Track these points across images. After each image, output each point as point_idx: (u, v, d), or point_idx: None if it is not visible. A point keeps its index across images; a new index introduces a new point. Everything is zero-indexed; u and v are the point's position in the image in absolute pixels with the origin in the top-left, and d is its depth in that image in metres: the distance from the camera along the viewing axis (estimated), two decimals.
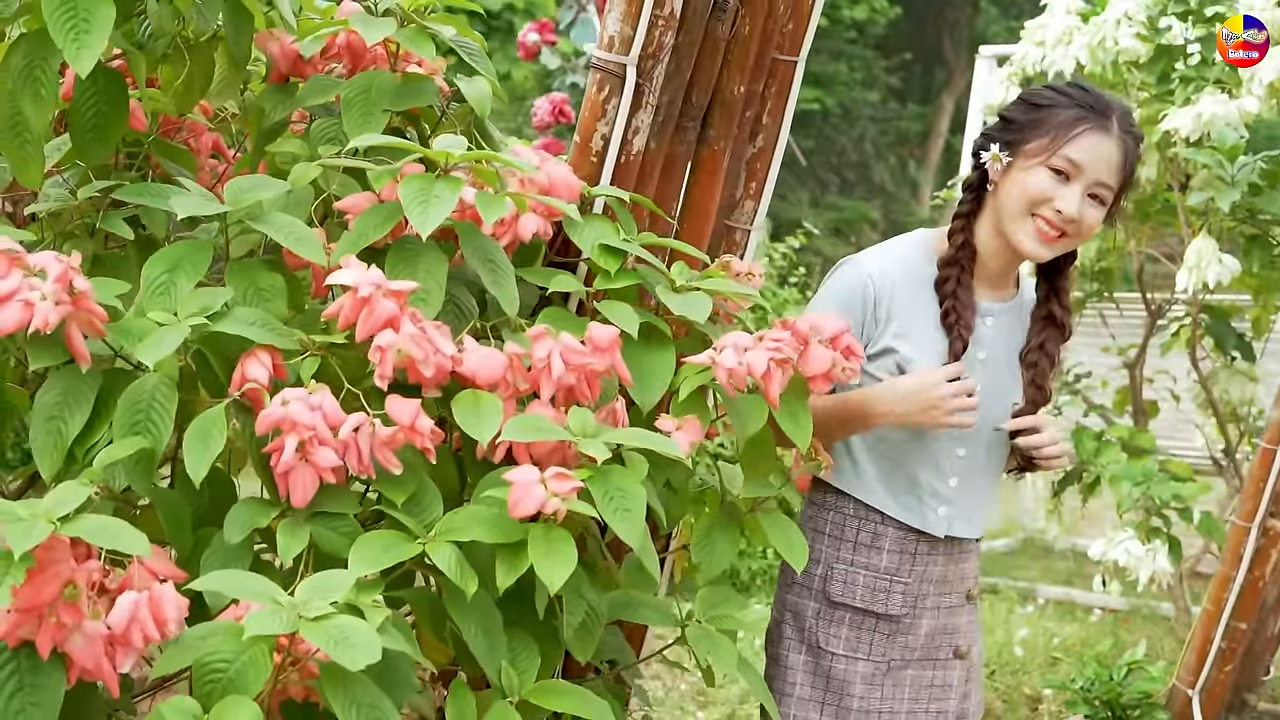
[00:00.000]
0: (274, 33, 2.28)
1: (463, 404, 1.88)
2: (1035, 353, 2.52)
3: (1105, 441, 4.49)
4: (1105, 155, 2.38)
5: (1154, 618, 5.82)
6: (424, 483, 1.90)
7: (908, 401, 2.40)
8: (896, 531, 2.50)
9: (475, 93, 2.17)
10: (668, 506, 2.27)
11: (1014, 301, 2.56)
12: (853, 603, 2.50)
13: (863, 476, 2.50)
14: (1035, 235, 2.40)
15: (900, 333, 2.46)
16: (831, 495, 2.54)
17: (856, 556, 2.51)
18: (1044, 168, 2.38)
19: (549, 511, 1.79)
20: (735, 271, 2.32)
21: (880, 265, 2.48)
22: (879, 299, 2.46)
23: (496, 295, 1.99)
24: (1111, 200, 2.43)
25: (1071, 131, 2.37)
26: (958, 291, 2.44)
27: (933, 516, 2.50)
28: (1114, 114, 2.39)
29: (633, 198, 2.24)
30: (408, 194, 1.92)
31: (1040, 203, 2.38)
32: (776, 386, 2.05)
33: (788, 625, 2.56)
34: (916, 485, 2.49)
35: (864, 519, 2.51)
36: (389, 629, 1.69)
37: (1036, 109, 2.42)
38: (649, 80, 2.30)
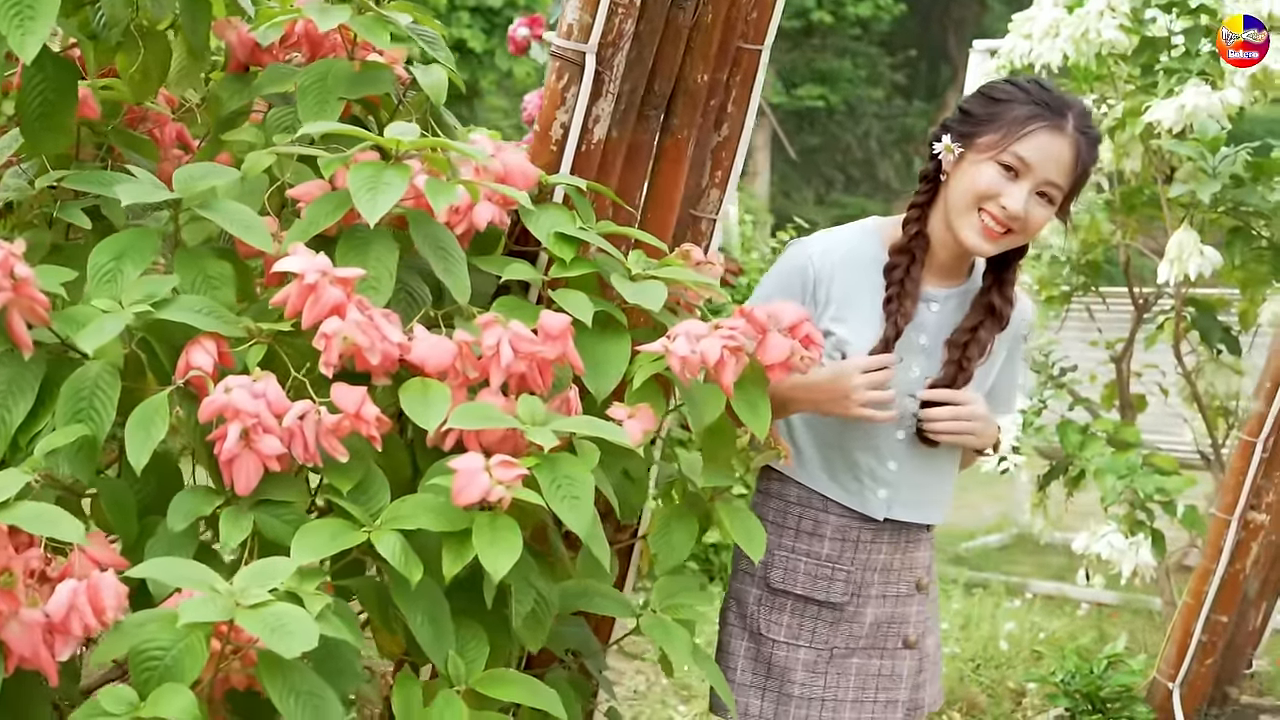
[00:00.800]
0: (231, 21, 2.27)
1: (411, 392, 1.87)
2: (964, 334, 2.50)
3: (1090, 435, 4.48)
4: (1056, 154, 2.36)
5: (1145, 612, 5.80)
6: (371, 471, 1.89)
7: (820, 390, 2.40)
8: (839, 518, 2.50)
9: (431, 81, 2.16)
10: (625, 496, 2.26)
11: (962, 288, 2.55)
12: (794, 590, 2.51)
13: (803, 459, 2.51)
14: (979, 230, 2.39)
15: (838, 316, 2.46)
16: (774, 482, 2.54)
17: (798, 544, 2.51)
18: (993, 163, 2.37)
19: (493, 499, 1.78)
20: (695, 261, 2.31)
21: (823, 247, 2.50)
22: (819, 281, 2.47)
23: (447, 283, 1.98)
24: (1062, 199, 2.41)
25: (1024, 129, 2.35)
26: (904, 280, 2.44)
27: (873, 499, 2.49)
28: (1070, 113, 2.38)
29: (590, 186, 2.23)
30: (356, 181, 1.91)
31: (987, 198, 2.37)
32: (730, 375, 2.04)
33: (731, 611, 2.58)
34: (856, 468, 2.49)
35: (805, 506, 2.52)
36: (329, 617, 1.68)
37: (993, 103, 2.41)
38: (609, 68, 2.29)
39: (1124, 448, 4.45)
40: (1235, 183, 3.95)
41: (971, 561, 6.95)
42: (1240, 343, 4.71)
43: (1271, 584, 3.91)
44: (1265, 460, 3.67)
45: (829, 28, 23.78)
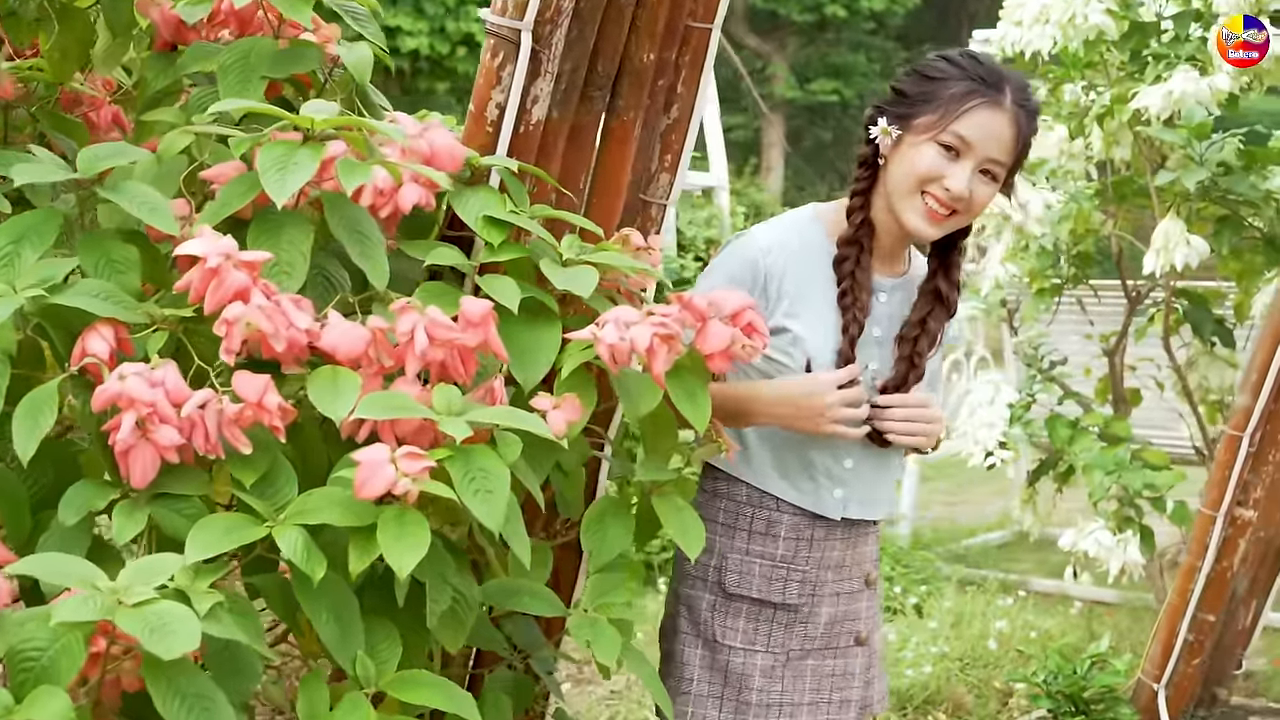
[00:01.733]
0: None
1: (319, 380, 1.79)
2: (914, 327, 2.41)
3: (1080, 430, 4.38)
4: (997, 131, 2.28)
5: (1142, 610, 5.70)
6: (278, 463, 1.81)
7: (792, 406, 2.31)
8: (792, 518, 2.40)
9: (356, 59, 2.08)
10: (561, 489, 2.19)
11: (905, 277, 2.47)
12: (749, 594, 2.41)
13: (754, 461, 2.41)
14: (924, 214, 2.30)
15: (792, 311, 2.36)
16: (723, 482, 2.44)
17: (751, 545, 2.41)
18: (933, 144, 2.28)
19: (399, 492, 1.70)
20: (635, 246, 2.22)
21: (773, 240, 2.39)
22: (770, 275, 2.36)
23: (364, 268, 1.90)
24: (1005, 175, 2.33)
25: (962, 106, 2.27)
26: (856, 272, 2.35)
27: (829, 499, 2.40)
28: (1007, 86, 2.29)
29: (522, 167, 2.15)
30: (266, 161, 1.84)
31: (929, 180, 2.29)
32: (661, 363, 1.95)
33: (682, 619, 2.46)
34: (811, 467, 2.39)
35: (758, 506, 2.41)
36: (220, 616, 1.61)
37: (927, 81, 2.32)
38: (547, 46, 2.20)
39: (1114, 443, 4.36)
40: (1224, 171, 3.85)
41: (970, 559, 6.86)
42: (1234, 335, 4.60)
43: (1261, 582, 3.81)
44: (1252, 455, 3.57)
45: (842, 22, 23.70)
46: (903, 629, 5.16)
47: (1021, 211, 4.14)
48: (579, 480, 2.18)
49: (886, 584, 5.74)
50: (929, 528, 7.57)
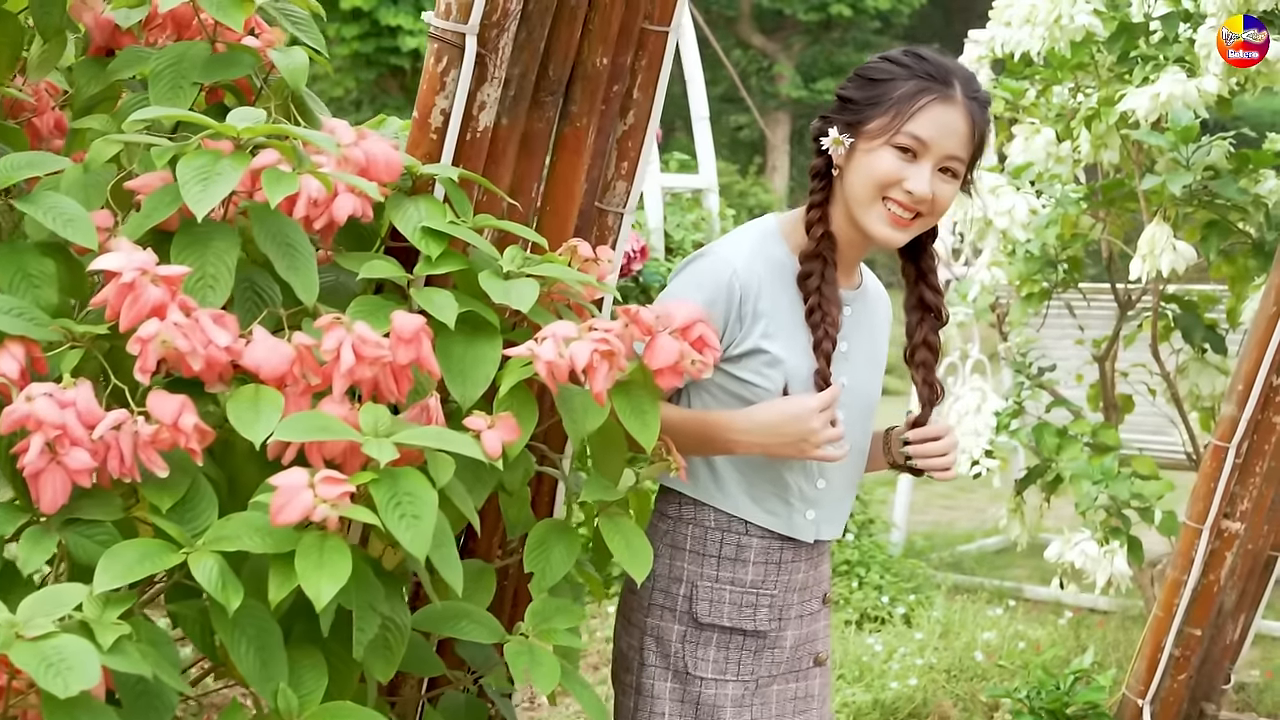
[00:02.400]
0: (87, 1, 2.12)
1: (239, 400, 1.72)
2: (921, 350, 2.35)
3: (1069, 438, 4.30)
4: (952, 126, 2.21)
5: (1139, 617, 5.61)
6: (198, 486, 1.74)
7: (774, 434, 2.22)
8: (761, 540, 2.32)
9: (290, 65, 2.00)
10: (505, 510, 2.12)
11: (862, 287, 2.41)
12: (720, 622, 2.32)
13: (723, 484, 2.32)
14: (888, 220, 2.23)
15: (769, 332, 2.27)
16: (689, 507, 2.35)
17: (721, 572, 2.33)
18: (888, 147, 2.21)
19: (317, 519, 1.63)
20: (583, 257, 2.15)
21: (744, 259, 2.30)
22: (745, 296, 2.27)
23: (291, 282, 1.83)
24: (964, 171, 2.26)
25: (913, 105, 2.19)
26: (823, 287, 2.27)
27: (802, 521, 2.33)
28: (955, 80, 2.23)
29: (463, 175, 2.08)
30: (187, 172, 1.76)
31: (889, 185, 2.21)
32: (601, 381, 1.88)
33: (650, 651, 2.35)
34: (784, 489, 2.32)
35: (726, 530, 2.33)
36: (126, 649, 1.54)
37: (873, 84, 2.25)
38: (494, 51, 2.13)
39: (1103, 451, 4.28)
40: (1212, 175, 3.76)
41: (964, 565, 6.77)
42: (1227, 341, 4.51)
43: (1250, 595, 3.73)
44: (1239, 466, 3.49)
45: (848, 21, 23.60)
46: (889, 639, 5.08)
47: (1006, 217, 4.06)
48: (523, 500, 2.11)
49: (875, 593, 5.66)
50: (923, 534, 7.48)
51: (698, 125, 6.60)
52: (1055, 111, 4.35)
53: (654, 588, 2.34)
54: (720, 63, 24.51)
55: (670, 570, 2.33)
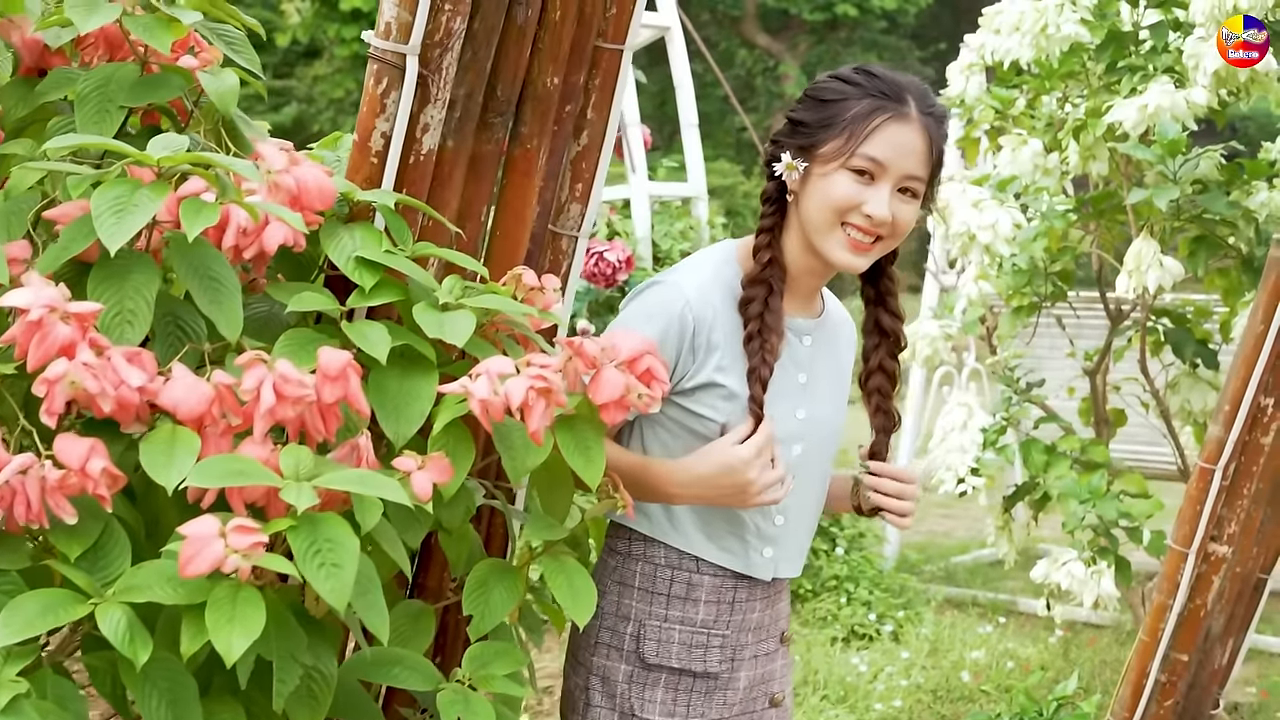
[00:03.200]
0: (15, 20, 2.05)
1: (153, 443, 1.65)
2: (876, 375, 2.27)
3: (1056, 454, 4.22)
4: (909, 145, 2.13)
5: (1134, 635, 5.52)
6: (111, 533, 1.67)
7: (712, 487, 2.16)
8: (713, 579, 2.25)
9: (218, 88, 1.93)
10: (446, 549, 2.04)
11: (824, 315, 2.32)
12: (669, 663, 2.24)
13: (677, 520, 2.24)
14: (848, 245, 2.15)
15: (723, 365, 2.20)
16: (638, 543, 2.27)
17: (670, 611, 2.25)
18: (844, 170, 2.13)
19: (228, 570, 1.55)
20: (528, 285, 2.07)
21: (699, 290, 2.22)
22: (698, 327, 2.19)
23: (213, 317, 1.75)
24: (924, 191, 2.18)
25: (867, 125, 2.12)
26: (765, 314, 2.19)
27: (758, 559, 2.25)
28: (909, 96, 2.15)
29: (401, 200, 2.00)
30: (102, 203, 1.69)
31: (847, 210, 2.13)
32: (538, 420, 1.80)
33: (595, 691, 2.28)
34: (740, 526, 2.24)
35: (676, 568, 2.25)
36: (23, 708, 1.47)
37: (825, 106, 2.17)
38: (437, 71, 2.06)
39: (1092, 468, 4.19)
40: (1200, 189, 3.68)
41: (958, 578, 6.68)
42: (1219, 356, 4.42)
43: (1239, 619, 3.63)
44: (1226, 489, 3.39)
45: (855, 21, 23.53)
46: (876, 658, 4.99)
47: (989, 231, 3.98)
48: (464, 538, 2.02)
49: (863, 609, 5.57)
50: (917, 546, 7.39)
51: (687, 132, 6.52)
52: (1044, 121, 4.26)
53: (601, 626, 2.27)
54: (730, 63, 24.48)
55: (618, 608, 2.26)
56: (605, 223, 5.49)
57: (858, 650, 5.21)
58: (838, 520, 6.12)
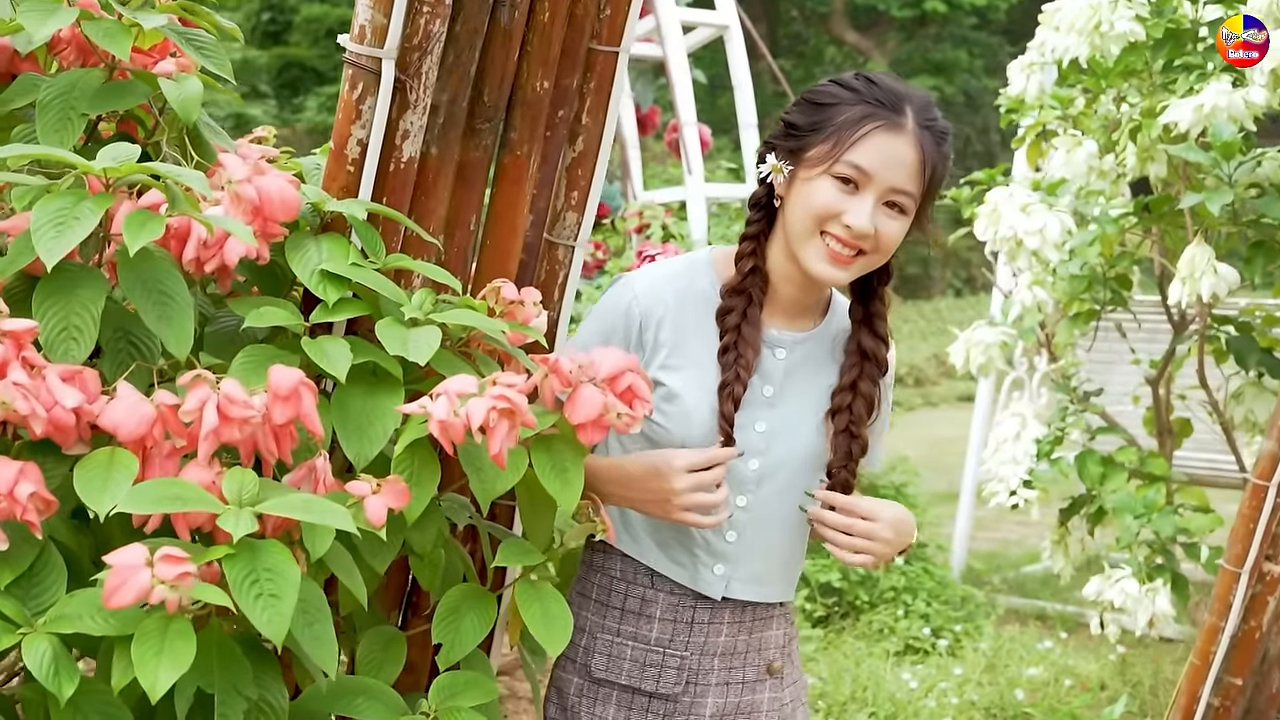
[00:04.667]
0: None
1: (89, 466, 1.58)
2: (845, 393, 2.14)
3: (1114, 466, 4.07)
4: (898, 157, 2.01)
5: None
6: (46, 559, 1.60)
7: (636, 488, 2.06)
8: (669, 596, 2.15)
9: (180, 95, 1.85)
10: (418, 575, 1.96)
11: (815, 331, 2.19)
12: (618, 679, 2.15)
13: (630, 526, 2.16)
14: (825, 256, 2.04)
15: (669, 364, 2.11)
16: (598, 554, 2.19)
17: (624, 625, 2.15)
18: (828, 177, 2.02)
19: (154, 601, 1.48)
20: (507, 299, 1.98)
21: (649, 285, 2.14)
22: (645, 324, 2.11)
23: (161, 334, 1.68)
24: (916, 207, 2.06)
25: (856, 133, 2.00)
26: (742, 326, 2.08)
27: (707, 575, 2.14)
28: (907, 106, 2.03)
29: (373, 209, 1.92)
30: (42, 216, 1.63)
31: (827, 218, 2.03)
32: (500, 442, 1.72)
33: (552, 704, 2.22)
34: (688, 539, 2.13)
35: (631, 582, 2.16)
36: None
37: (817, 109, 2.06)
38: (416, 76, 1.98)
39: (1150, 481, 4.04)
40: (1258, 193, 3.52)
41: (1028, 588, 6.51)
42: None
43: None
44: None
45: (944, 17, 23.22)
46: (929, 673, 4.86)
47: (1037, 236, 3.84)
48: (436, 563, 1.94)
49: (920, 621, 5.43)
50: (985, 554, 7.23)
51: (745, 133, 6.39)
52: (1099, 122, 4.11)
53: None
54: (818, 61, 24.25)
55: (576, 620, 2.17)
56: (660, 225, 5.39)
57: (911, 665, 5.08)
58: None
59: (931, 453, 10.30)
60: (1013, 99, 4.67)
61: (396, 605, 2.20)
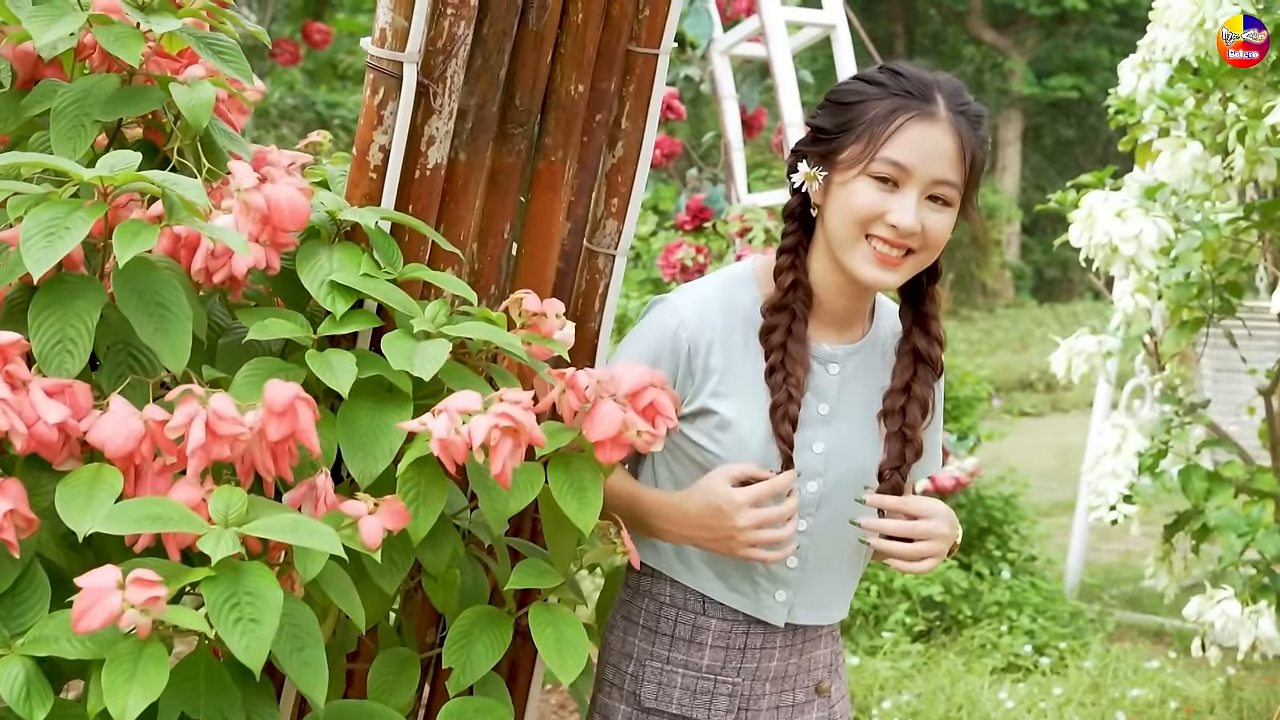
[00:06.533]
0: (4, 31, 1.97)
1: (72, 484, 1.54)
2: (898, 395, 2.05)
3: (1220, 481, 3.90)
4: (936, 146, 1.92)
5: None
6: (31, 576, 1.57)
7: (696, 527, 1.97)
8: (721, 623, 2.06)
9: (192, 102, 1.81)
10: (432, 596, 1.90)
11: (865, 340, 2.10)
12: (668, 708, 2.06)
13: (685, 555, 2.06)
14: (874, 260, 1.94)
15: (719, 390, 2.01)
16: (647, 578, 2.10)
17: (674, 653, 2.07)
18: (866, 177, 1.93)
19: (125, 627, 1.44)
20: (530, 311, 1.91)
21: (696, 307, 2.04)
22: (694, 349, 2.01)
23: (156, 348, 1.64)
24: (960, 198, 1.96)
25: (888, 127, 1.91)
26: (788, 343, 1.99)
27: (770, 602, 2.05)
28: (938, 94, 1.94)
29: (386, 215, 1.87)
30: (33, 226, 1.59)
31: (870, 220, 1.93)
32: (501, 461, 1.65)
33: None
34: (748, 565, 2.04)
35: (682, 608, 2.07)
36: None
37: (845, 109, 1.97)
38: (441, 80, 1.92)
39: (1259, 497, 3.87)
40: None
41: (1145, 603, 6.29)
42: None
43: None
44: None
45: (1084, 14, 22.76)
46: (1028, 693, 4.70)
47: (1133, 243, 3.68)
48: (452, 584, 1.88)
49: (1025, 637, 5.27)
50: (1105, 566, 7.01)
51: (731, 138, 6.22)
52: (1203, 124, 3.94)
53: (606, 662, 2.12)
54: (955, 60, 23.92)
55: (623, 645, 2.10)
56: (762, 229, 5.30)
57: (1012, 683, 4.92)
58: (1005, 541, 5.83)
59: (1058, 460, 10.06)
60: (1122, 99, 4.49)
61: (433, 623, 2.14)
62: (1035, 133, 24.72)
